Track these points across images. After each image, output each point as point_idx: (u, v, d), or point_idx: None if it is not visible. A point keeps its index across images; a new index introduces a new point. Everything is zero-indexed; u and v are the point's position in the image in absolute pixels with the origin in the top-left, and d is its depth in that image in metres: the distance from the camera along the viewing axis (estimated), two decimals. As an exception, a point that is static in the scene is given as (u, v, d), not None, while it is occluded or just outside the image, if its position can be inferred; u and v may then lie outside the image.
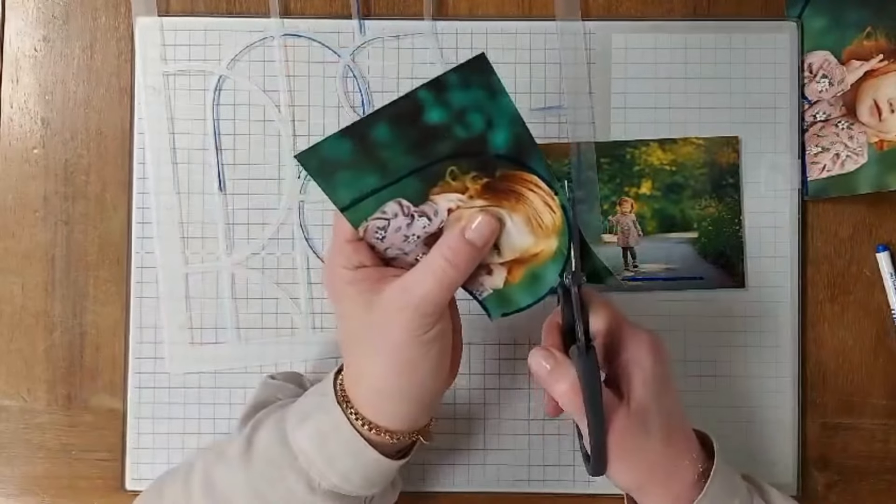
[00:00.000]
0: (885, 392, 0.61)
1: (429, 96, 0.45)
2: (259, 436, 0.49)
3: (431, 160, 0.46)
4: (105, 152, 0.61)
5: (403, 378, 0.46)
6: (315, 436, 0.47)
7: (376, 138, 0.45)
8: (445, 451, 0.60)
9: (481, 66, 0.44)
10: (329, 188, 0.46)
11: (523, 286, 0.49)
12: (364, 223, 0.47)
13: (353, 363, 0.48)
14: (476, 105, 0.45)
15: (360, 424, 0.47)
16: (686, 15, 0.62)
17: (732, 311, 0.61)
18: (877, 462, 0.61)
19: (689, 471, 0.49)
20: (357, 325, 0.47)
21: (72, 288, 0.61)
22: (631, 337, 0.49)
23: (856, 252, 0.62)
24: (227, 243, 0.61)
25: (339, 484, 0.48)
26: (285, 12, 0.61)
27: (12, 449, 0.61)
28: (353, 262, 0.47)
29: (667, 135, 0.61)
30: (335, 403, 0.48)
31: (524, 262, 0.49)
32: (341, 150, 0.45)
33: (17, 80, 0.62)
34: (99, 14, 0.62)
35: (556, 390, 0.48)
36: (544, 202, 0.48)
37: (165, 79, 0.61)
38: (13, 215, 0.61)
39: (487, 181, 0.47)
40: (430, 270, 0.45)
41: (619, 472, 0.48)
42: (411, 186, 0.47)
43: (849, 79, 0.61)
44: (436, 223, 0.47)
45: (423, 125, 0.45)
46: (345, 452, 0.47)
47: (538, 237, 0.48)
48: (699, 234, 0.61)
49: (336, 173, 0.46)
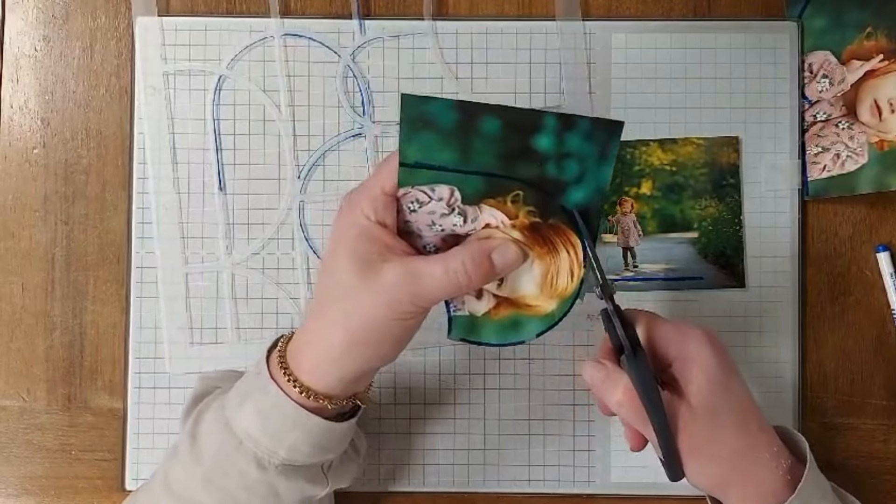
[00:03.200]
0: (885, 392, 0.61)
1: (552, 124, 0.45)
2: (202, 428, 0.49)
3: (509, 175, 0.46)
4: (105, 152, 0.62)
5: (363, 350, 0.46)
6: (256, 416, 0.47)
7: (481, 127, 0.44)
8: (445, 451, 0.60)
9: (612, 131, 0.45)
10: (406, 139, 0.45)
11: (498, 326, 0.49)
12: (409, 188, 0.46)
13: (313, 327, 0.47)
14: (582, 157, 0.46)
15: (297, 392, 0.47)
16: (686, 15, 0.62)
17: (732, 311, 0.61)
18: (877, 462, 0.61)
19: (772, 465, 0.47)
20: (338, 285, 0.45)
21: (72, 288, 0.61)
22: (683, 336, 0.48)
23: (856, 252, 0.62)
24: (227, 243, 0.61)
25: (288, 457, 0.48)
26: (285, 12, 0.61)
27: (12, 449, 0.61)
28: (377, 213, 0.45)
29: (667, 135, 0.61)
30: (270, 380, 0.47)
31: (515, 305, 0.49)
32: (444, 116, 0.44)
33: (17, 80, 0.62)
34: (99, 14, 0.62)
35: (611, 401, 0.48)
36: (570, 267, 0.48)
37: (165, 79, 0.61)
38: (13, 215, 0.61)
39: (537, 221, 0.47)
40: (445, 269, 0.45)
41: (696, 472, 0.47)
42: (473, 185, 0.46)
43: (849, 79, 0.61)
44: (466, 228, 0.47)
45: (527, 143, 0.45)
46: (288, 426, 0.47)
47: (543, 293, 0.48)
48: (699, 234, 0.61)
49: (422, 131, 0.44)
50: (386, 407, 0.61)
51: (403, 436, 0.60)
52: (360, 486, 0.60)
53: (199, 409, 0.51)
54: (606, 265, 0.60)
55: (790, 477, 0.47)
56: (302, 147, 0.61)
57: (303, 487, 0.50)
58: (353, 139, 0.61)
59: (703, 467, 0.47)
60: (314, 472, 0.50)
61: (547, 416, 0.60)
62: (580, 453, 0.60)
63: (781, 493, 0.47)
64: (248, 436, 0.47)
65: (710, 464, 0.47)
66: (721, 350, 0.48)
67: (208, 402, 0.51)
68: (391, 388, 0.61)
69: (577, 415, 0.60)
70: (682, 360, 0.48)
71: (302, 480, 0.49)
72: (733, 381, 0.48)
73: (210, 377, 0.55)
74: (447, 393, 0.60)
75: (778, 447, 0.48)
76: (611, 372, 0.48)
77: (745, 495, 0.47)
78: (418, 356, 0.60)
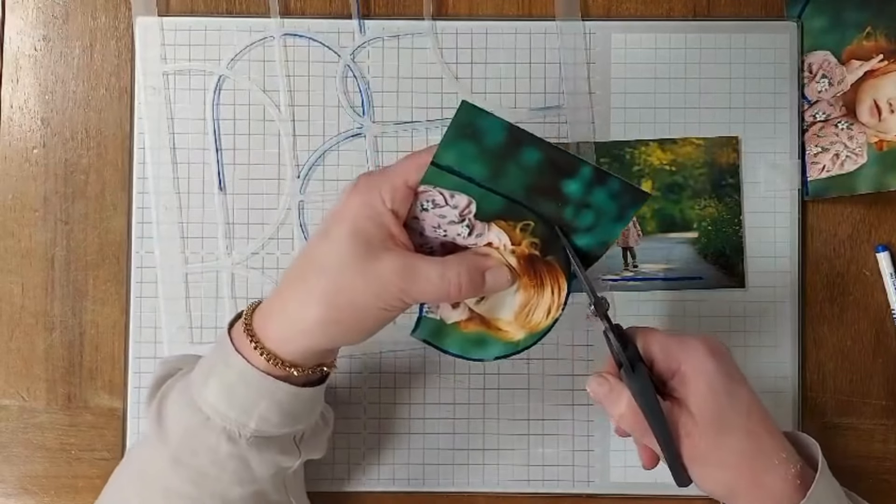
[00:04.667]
0: (884, 392, 0.61)
1: (587, 175, 0.46)
2: (167, 410, 0.49)
3: (528, 206, 0.47)
4: (105, 152, 0.62)
5: (337, 329, 0.46)
6: (221, 390, 0.47)
7: (522, 155, 0.46)
8: (445, 451, 0.60)
9: (637, 199, 0.47)
10: (448, 142, 0.45)
11: (464, 339, 0.50)
12: (430, 187, 0.47)
13: (290, 296, 0.47)
14: (601, 211, 0.47)
15: (263, 361, 0.47)
16: (686, 15, 0.62)
17: (732, 311, 0.61)
18: (876, 462, 0.61)
19: (781, 471, 0.47)
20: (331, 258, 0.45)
21: (71, 288, 0.61)
22: (683, 347, 0.49)
23: (856, 252, 0.62)
24: (227, 243, 0.61)
25: (259, 428, 0.48)
26: (285, 12, 0.61)
27: (12, 449, 0.61)
28: (394, 202, 0.46)
29: (667, 135, 0.61)
30: (234, 352, 0.47)
31: (486, 324, 0.50)
32: (492, 133, 0.45)
33: (17, 80, 0.62)
34: (99, 14, 0.62)
35: (615, 414, 0.49)
36: (549, 305, 0.49)
37: (165, 79, 0.61)
38: (13, 215, 0.61)
39: (536, 255, 0.48)
40: (441, 274, 0.45)
41: (704, 479, 0.47)
42: (492, 204, 0.47)
43: (849, 79, 0.61)
44: (468, 241, 0.48)
45: (557, 183, 0.47)
46: (255, 396, 0.47)
47: (517, 321, 0.49)
48: (699, 234, 0.61)
49: (466, 140, 0.45)
50: (386, 407, 0.61)
51: (403, 436, 0.60)
52: (360, 486, 0.60)
53: (163, 391, 0.50)
54: (606, 265, 0.60)
55: (800, 482, 0.47)
56: (302, 147, 0.61)
57: (275, 459, 0.49)
58: (353, 139, 0.61)
59: (710, 474, 0.47)
60: (286, 444, 0.50)
61: (547, 416, 0.60)
62: (580, 453, 0.60)
63: (792, 498, 0.47)
64: (215, 411, 0.47)
65: (717, 471, 0.47)
66: (723, 359, 0.49)
67: (171, 384, 0.51)
68: (391, 389, 0.61)
69: (576, 415, 0.60)
70: (683, 372, 0.48)
71: (274, 452, 0.49)
72: (737, 388, 0.48)
73: (170, 360, 0.55)
74: (447, 393, 0.60)
75: (787, 453, 0.48)
76: (613, 386, 0.49)
77: (755, 501, 0.47)
78: (418, 355, 0.60)
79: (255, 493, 0.49)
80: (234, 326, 0.49)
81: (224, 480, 0.48)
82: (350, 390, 0.60)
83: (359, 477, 0.60)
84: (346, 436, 0.60)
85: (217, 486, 0.48)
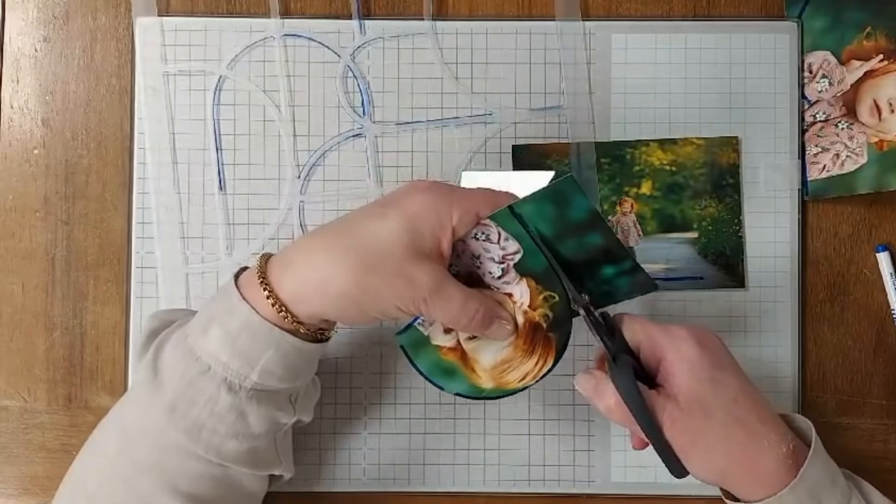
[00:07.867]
0: (884, 392, 0.61)
1: (626, 265, 0.51)
2: (163, 360, 0.48)
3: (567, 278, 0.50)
4: (105, 152, 0.62)
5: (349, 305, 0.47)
6: (224, 339, 0.47)
7: (588, 235, 0.49)
8: (445, 451, 0.60)
9: (648, 289, 0.53)
10: (535, 201, 0.48)
11: (436, 363, 0.51)
12: (495, 223, 0.49)
13: (320, 255, 0.47)
14: (616, 291, 0.53)
15: (274, 311, 0.47)
16: (686, 15, 0.62)
17: (732, 311, 0.61)
18: (876, 462, 0.61)
19: (772, 452, 0.47)
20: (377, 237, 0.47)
21: (72, 288, 0.61)
22: (669, 336, 0.49)
23: (856, 252, 0.62)
24: (227, 243, 0.61)
25: (261, 380, 0.47)
26: (285, 12, 0.61)
27: (12, 449, 0.61)
28: (461, 222, 0.48)
29: (667, 135, 0.61)
30: (241, 300, 0.47)
31: (464, 361, 0.51)
32: (577, 210, 0.48)
33: (17, 80, 0.62)
34: (99, 14, 0.62)
35: (602, 408, 0.49)
36: (526, 372, 0.51)
37: (165, 79, 0.61)
38: (13, 215, 0.61)
39: (542, 326, 0.50)
40: (462, 304, 0.48)
41: (695, 465, 0.48)
42: (535, 263, 0.50)
43: (849, 79, 0.61)
44: (495, 283, 0.50)
45: (601, 265, 0.51)
46: (261, 347, 0.47)
47: (491, 371, 0.51)
48: (699, 234, 0.61)
49: (551, 204, 0.48)
50: (386, 407, 0.61)
51: (403, 436, 0.60)
52: (360, 487, 0.60)
53: (159, 340, 0.50)
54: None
55: (792, 462, 0.48)
56: (302, 147, 0.61)
57: (272, 414, 0.49)
58: (353, 139, 0.61)
59: (700, 460, 0.48)
60: (283, 400, 0.50)
61: (547, 416, 0.60)
62: (580, 453, 0.60)
63: (784, 478, 0.47)
64: (216, 360, 0.47)
65: (706, 456, 0.48)
66: (710, 346, 0.49)
67: (167, 335, 0.50)
68: (391, 389, 0.61)
69: (576, 415, 0.61)
70: (668, 360, 0.49)
71: (272, 407, 0.49)
72: (723, 375, 0.49)
73: (161, 314, 0.54)
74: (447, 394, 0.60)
75: (780, 435, 0.48)
76: (599, 380, 0.49)
77: (746, 482, 0.48)
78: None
79: (249, 449, 0.49)
80: (244, 274, 0.49)
81: (220, 433, 0.48)
82: (350, 390, 0.61)
83: (359, 477, 0.60)
84: (346, 436, 0.60)
85: (213, 438, 0.48)
